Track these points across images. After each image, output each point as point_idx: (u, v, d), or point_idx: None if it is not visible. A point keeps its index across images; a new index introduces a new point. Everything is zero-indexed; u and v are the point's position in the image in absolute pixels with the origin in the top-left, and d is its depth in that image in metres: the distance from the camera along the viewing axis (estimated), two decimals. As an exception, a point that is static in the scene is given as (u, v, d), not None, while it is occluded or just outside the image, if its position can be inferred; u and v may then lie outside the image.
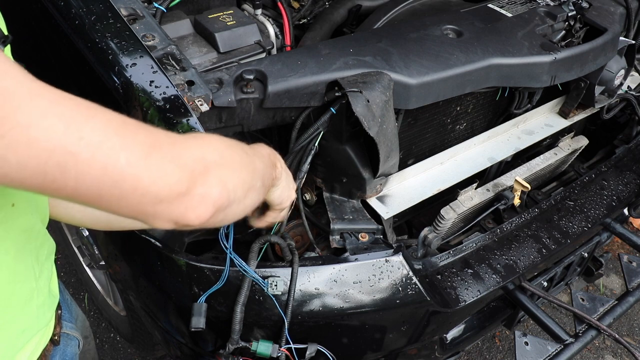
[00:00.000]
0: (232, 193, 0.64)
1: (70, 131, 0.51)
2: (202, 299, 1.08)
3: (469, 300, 1.28)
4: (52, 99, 0.52)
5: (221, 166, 0.64)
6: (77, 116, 0.53)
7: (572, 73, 1.48)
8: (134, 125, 0.58)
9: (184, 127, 1.02)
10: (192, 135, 0.66)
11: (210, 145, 0.65)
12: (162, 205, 0.57)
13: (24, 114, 0.48)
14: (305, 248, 1.37)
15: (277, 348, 1.10)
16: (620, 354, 2.32)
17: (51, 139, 0.49)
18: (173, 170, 0.57)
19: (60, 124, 0.50)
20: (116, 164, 0.53)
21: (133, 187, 0.54)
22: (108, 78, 1.09)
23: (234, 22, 1.23)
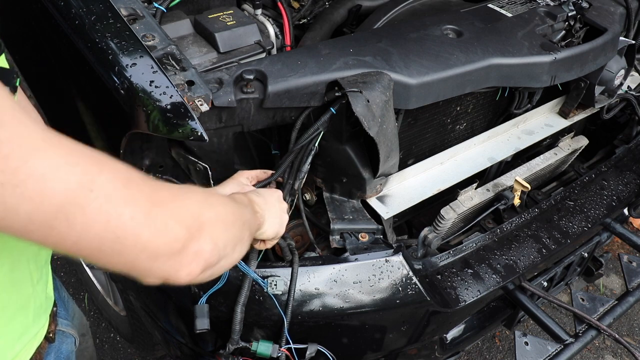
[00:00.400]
0: (222, 250, 0.66)
1: (83, 183, 0.51)
2: (203, 300, 1.07)
3: (469, 300, 1.28)
4: (66, 149, 0.52)
5: (215, 224, 0.65)
6: (89, 168, 0.53)
7: (572, 73, 1.48)
8: (138, 179, 0.58)
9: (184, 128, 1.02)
10: (191, 190, 0.67)
11: (206, 202, 0.66)
12: (157, 262, 0.58)
13: (38, 164, 0.47)
14: (305, 248, 1.37)
15: (277, 348, 1.10)
16: (620, 354, 2.32)
17: (64, 191, 0.49)
18: (172, 227, 0.58)
19: (74, 176, 0.50)
20: (120, 219, 0.53)
21: (134, 242, 0.55)
22: (108, 78, 1.09)
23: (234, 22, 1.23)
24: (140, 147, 1.15)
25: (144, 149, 1.16)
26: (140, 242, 0.55)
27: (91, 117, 1.27)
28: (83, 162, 0.52)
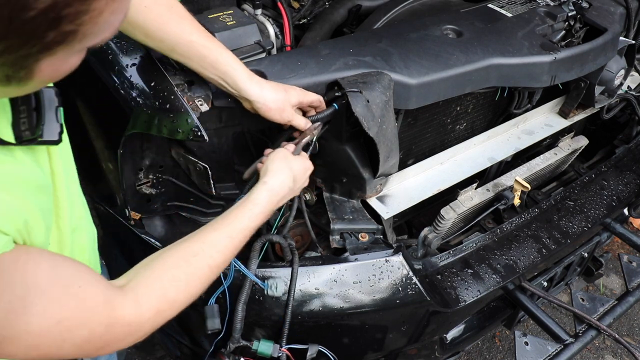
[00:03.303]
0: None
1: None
2: (212, 301, 1.08)
3: (469, 300, 1.28)
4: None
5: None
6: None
7: (572, 73, 1.48)
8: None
9: (184, 128, 1.02)
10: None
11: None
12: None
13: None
14: (305, 248, 1.37)
15: (277, 348, 1.10)
16: (620, 354, 2.32)
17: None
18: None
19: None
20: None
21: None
22: (108, 78, 1.10)
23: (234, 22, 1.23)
24: (140, 147, 1.15)
25: (144, 149, 1.16)
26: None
27: (91, 117, 1.27)
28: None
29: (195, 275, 0.83)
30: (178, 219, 1.29)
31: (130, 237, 1.22)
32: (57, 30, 0.48)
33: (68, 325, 0.65)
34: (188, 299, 0.82)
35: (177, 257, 0.84)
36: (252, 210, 0.94)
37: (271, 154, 1.05)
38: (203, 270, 0.84)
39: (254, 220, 0.94)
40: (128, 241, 1.26)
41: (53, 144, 0.67)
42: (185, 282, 0.81)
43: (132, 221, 1.22)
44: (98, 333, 0.69)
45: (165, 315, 0.78)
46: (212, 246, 0.87)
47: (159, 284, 0.78)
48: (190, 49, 1.00)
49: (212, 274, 0.86)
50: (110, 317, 0.70)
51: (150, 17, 0.95)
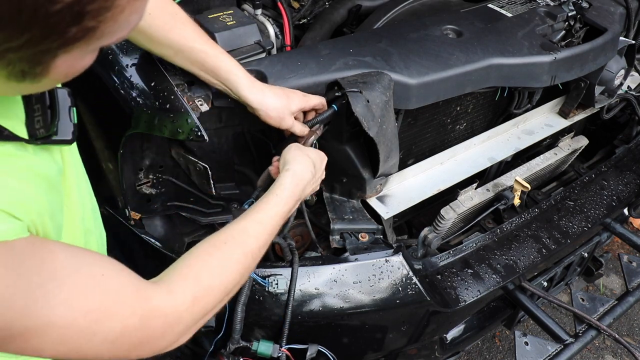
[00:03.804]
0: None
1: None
2: None
3: (469, 300, 1.28)
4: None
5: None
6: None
7: (572, 73, 1.48)
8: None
9: (184, 128, 1.02)
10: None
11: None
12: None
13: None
14: (305, 248, 1.37)
15: (277, 348, 1.10)
16: (620, 354, 2.32)
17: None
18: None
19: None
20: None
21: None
22: (108, 78, 1.10)
23: (234, 22, 1.23)
24: (140, 147, 1.15)
25: (144, 149, 1.16)
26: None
27: (91, 117, 1.27)
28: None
29: (228, 260, 0.81)
30: (178, 219, 1.29)
31: (130, 237, 1.22)
32: (80, 25, 0.48)
33: (96, 317, 0.61)
34: (225, 286, 0.79)
35: (208, 246, 0.82)
36: (280, 195, 0.94)
37: (285, 149, 1.05)
38: (236, 256, 0.82)
39: (283, 205, 0.94)
40: (128, 241, 1.26)
41: (67, 143, 0.67)
42: (218, 268, 0.79)
43: (132, 221, 1.22)
44: (132, 326, 0.65)
45: (203, 303, 0.74)
46: (242, 233, 0.86)
47: (191, 272, 0.75)
48: (192, 55, 1.01)
49: (247, 259, 0.84)
50: (144, 308, 0.66)
51: (156, 24, 0.97)
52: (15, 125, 0.61)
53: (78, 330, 0.60)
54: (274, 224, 0.91)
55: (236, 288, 0.83)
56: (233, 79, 1.03)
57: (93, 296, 0.61)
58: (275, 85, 1.11)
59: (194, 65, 1.03)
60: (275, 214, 0.91)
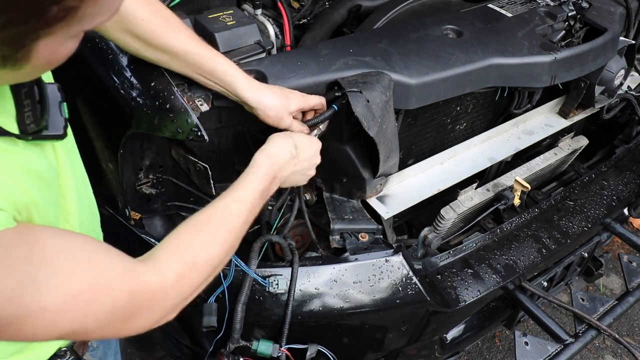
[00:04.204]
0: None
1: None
2: (212, 299, 1.09)
3: (469, 300, 1.28)
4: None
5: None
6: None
7: (572, 73, 1.48)
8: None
9: (184, 128, 1.02)
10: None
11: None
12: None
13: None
14: (305, 248, 1.37)
15: (277, 348, 1.10)
16: (620, 354, 2.32)
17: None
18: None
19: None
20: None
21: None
22: (108, 78, 1.09)
23: (234, 22, 1.23)
24: (140, 147, 1.15)
25: (144, 149, 1.16)
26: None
27: (91, 117, 1.27)
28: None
29: (213, 238, 0.83)
30: (178, 219, 1.29)
31: (130, 237, 1.22)
32: (60, 4, 0.48)
33: (87, 299, 0.62)
34: (210, 263, 0.81)
35: (190, 225, 0.84)
36: (255, 173, 0.96)
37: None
38: (219, 233, 0.84)
39: (259, 183, 0.95)
40: (128, 241, 1.26)
41: (58, 138, 0.67)
42: (202, 245, 0.81)
43: (132, 221, 1.22)
44: (121, 303, 0.66)
45: (188, 279, 0.77)
46: (223, 210, 0.88)
47: (176, 249, 0.78)
48: (189, 58, 1.01)
49: (230, 237, 0.86)
50: (132, 284, 0.68)
51: (150, 29, 0.97)
52: (5, 121, 0.61)
53: (70, 313, 0.61)
54: (253, 201, 0.93)
55: (221, 265, 0.85)
56: (230, 79, 1.03)
57: (82, 279, 0.62)
58: (274, 85, 1.11)
59: (191, 69, 1.03)
60: (253, 192, 0.93)
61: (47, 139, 0.66)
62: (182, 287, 0.75)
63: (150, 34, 0.97)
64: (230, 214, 0.88)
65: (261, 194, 0.95)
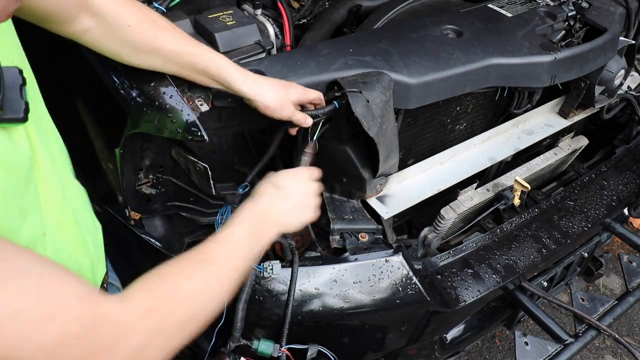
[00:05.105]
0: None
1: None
2: None
3: (469, 300, 1.28)
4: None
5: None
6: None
7: (572, 73, 1.48)
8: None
9: (183, 127, 1.02)
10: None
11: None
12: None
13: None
14: (305, 248, 1.37)
15: (277, 348, 1.10)
16: (620, 354, 2.32)
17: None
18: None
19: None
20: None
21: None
22: (108, 78, 1.10)
23: (234, 22, 1.23)
24: (140, 147, 1.15)
25: (144, 149, 1.16)
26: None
27: (91, 117, 1.27)
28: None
29: (185, 272, 0.75)
30: (178, 219, 1.29)
31: (130, 237, 1.22)
32: None
33: (29, 319, 0.54)
34: (183, 299, 0.72)
35: (164, 266, 0.75)
36: (234, 232, 0.88)
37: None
38: (196, 270, 0.76)
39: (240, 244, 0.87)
40: (128, 241, 1.26)
41: (19, 121, 0.64)
42: (170, 278, 0.73)
43: (132, 221, 1.22)
44: (73, 334, 0.58)
45: (159, 313, 0.67)
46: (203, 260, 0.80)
47: (145, 284, 0.70)
48: (181, 59, 1.00)
49: (221, 283, 0.78)
50: (88, 314, 0.59)
51: (137, 35, 0.96)
52: None
53: (8, 332, 0.54)
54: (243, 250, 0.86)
55: (199, 305, 0.75)
56: (224, 75, 1.02)
57: (28, 297, 0.55)
58: (273, 78, 1.10)
59: (186, 70, 1.02)
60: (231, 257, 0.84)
61: (7, 122, 0.63)
62: (150, 322, 0.66)
63: (139, 39, 0.96)
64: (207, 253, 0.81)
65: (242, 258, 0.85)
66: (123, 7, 0.94)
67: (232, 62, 1.04)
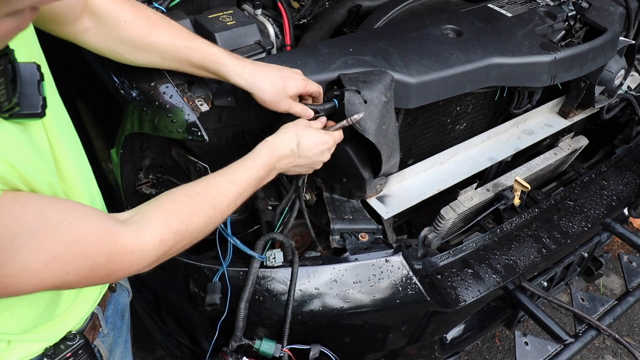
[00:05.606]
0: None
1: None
2: (216, 278, 1.10)
3: (469, 300, 1.28)
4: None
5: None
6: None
7: (572, 73, 1.48)
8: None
9: (183, 127, 1.02)
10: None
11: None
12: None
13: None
14: (306, 248, 1.37)
15: (279, 348, 1.10)
16: (620, 354, 2.32)
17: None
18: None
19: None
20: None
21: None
22: (108, 78, 1.10)
23: (234, 22, 1.23)
24: (140, 147, 1.15)
25: (144, 149, 1.16)
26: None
27: (91, 117, 1.27)
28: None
29: (198, 210, 0.85)
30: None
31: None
32: None
33: (66, 259, 0.67)
34: (191, 233, 0.84)
35: (181, 194, 0.87)
36: (254, 161, 0.98)
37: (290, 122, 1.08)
38: (206, 208, 0.87)
39: (257, 171, 0.97)
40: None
41: (37, 116, 0.68)
42: (188, 215, 0.83)
43: (132, 221, 1.21)
44: (101, 262, 0.71)
45: (168, 245, 0.80)
46: (214, 187, 0.90)
47: (162, 215, 0.81)
48: (178, 53, 1.01)
49: (215, 214, 0.88)
50: (112, 246, 0.72)
51: (134, 31, 0.97)
52: None
53: (52, 272, 0.66)
54: (245, 185, 0.94)
55: (200, 237, 0.88)
56: (220, 67, 1.02)
57: (61, 243, 0.66)
58: (275, 65, 1.09)
59: (183, 64, 1.03)
60: (247, 177, 0.95)
61: (25, 117, 0.67)
62: (161, 251, 0.79)
63: (135, 35, 0.97)
64: (220, 193, 0.90)
65: (255, 181, 0.97)
66: (119, 5, 0.95)
67: (229, 53, 1.04)
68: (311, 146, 1.06)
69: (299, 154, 1.05)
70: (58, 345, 0.87)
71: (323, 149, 1.09)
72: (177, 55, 1.01)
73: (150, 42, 0.99)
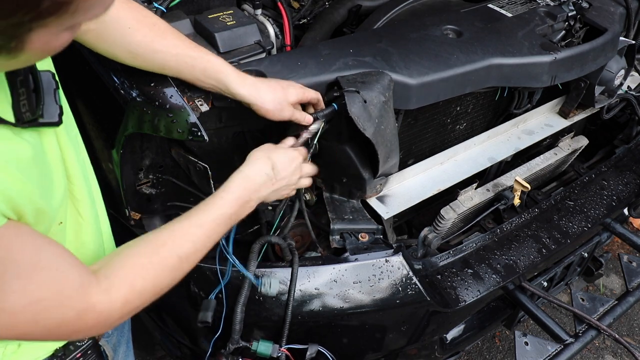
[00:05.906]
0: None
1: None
2: (212, 296, 1.09)
3: (469, 300, 1.28)
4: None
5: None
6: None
7: (572, 73, 1.48)
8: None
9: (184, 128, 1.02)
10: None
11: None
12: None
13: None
14: (306, 248, 1.37)
15: (277, 348, 1.10)
16: (620, 354, 2.32)
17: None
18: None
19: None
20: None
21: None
22: (108, 78, 1.10)
23: (234, 22, 1.23)
24: (140, 147, 1.15)
25: (144, 149, 1.16)
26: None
27: (91, 117, 1.27)
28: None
29: (163, 264, 0.82)
30: (178, 219, 1.29)
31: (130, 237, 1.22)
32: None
33: (43, 307, 0.66)
34: (156, 290, 0.82)
35: (146, 246, 0.84)
36: (224, 197, 0.94)
37: (256, 148, 1.06)
38: (171, 260, 0.83)
39: (228, 208, 0.93)
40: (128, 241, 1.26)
41: (54, 125, 0.68)
42: (152, 272, 0.81)
43: (132, 221, 1.22)
44: (69, 318, 0.70)
45: (133, 305, 0.78)
46: (180, 235, 0.86)
47: (128, 273, 0.79)
48: (180, 62, 1.01)
49: (182, 264, 0.85)
50: (83, 302, 0.71)
51: (137, 39, 0.96)
52: (3, 110, 0.62)
53: (25, 317, 0.65)
54: (214, 226, 0.90)
55: (168, 287, 0.85)
56: (222, 78, 1.02)
57: (46, 288, 0.66)
58: (271, 79, 1.10)
59: (184, 73, 1.02)
60: (216, 217, 0.91)
61: (43, 126, 0.67)
62: (125, 311, 0.78)
63: (138, 42, 0.96)
64: (186, 240, 0.86)
65: (227, 219, 0.93)
66: (124, 10, 0.94)
67: (231, 66, 1.04)
68: (285, 166, 1.05)
69: (275, 177, 1.03)
70: (67, 346, 0.87)
71: (295, 166, 1.07)
72: (178, 64, 1.01)
73: (153, 49, 0.98)
